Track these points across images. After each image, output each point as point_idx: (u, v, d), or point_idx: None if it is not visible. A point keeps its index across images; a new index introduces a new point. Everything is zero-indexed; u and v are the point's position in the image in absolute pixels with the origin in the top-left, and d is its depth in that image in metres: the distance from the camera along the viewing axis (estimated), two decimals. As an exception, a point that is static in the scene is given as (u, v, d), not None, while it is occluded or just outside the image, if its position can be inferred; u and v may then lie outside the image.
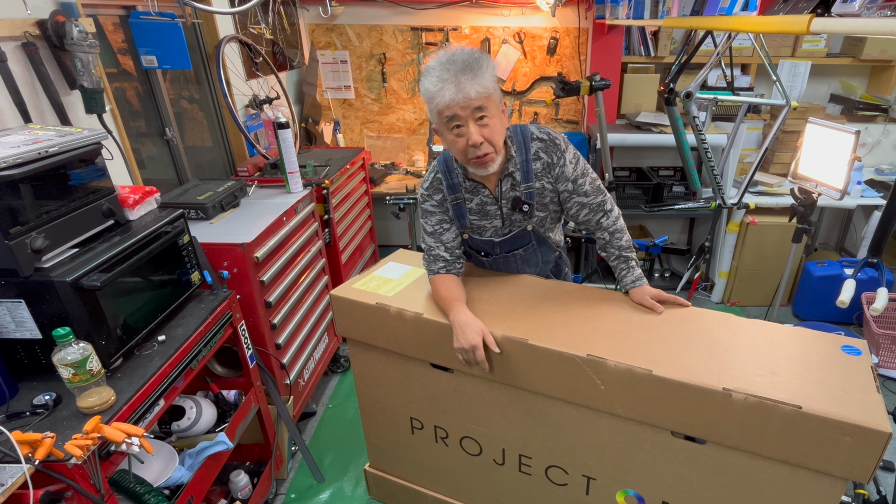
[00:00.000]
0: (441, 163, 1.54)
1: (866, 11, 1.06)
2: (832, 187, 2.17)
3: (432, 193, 1.55)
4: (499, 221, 1.56)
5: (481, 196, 1.53)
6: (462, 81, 1.27)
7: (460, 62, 1.29)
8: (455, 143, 1.37)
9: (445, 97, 1.29)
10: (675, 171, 3.59)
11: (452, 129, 1.35)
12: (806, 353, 1.28)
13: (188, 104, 2.65)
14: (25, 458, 1.05)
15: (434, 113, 1.35)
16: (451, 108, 1.30)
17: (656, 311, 1.45)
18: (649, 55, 3.51)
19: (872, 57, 3.35)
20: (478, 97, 1.29)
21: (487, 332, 1.37)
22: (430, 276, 1.58)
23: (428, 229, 1.57)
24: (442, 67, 1.30)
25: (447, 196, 1.53)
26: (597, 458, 1.42)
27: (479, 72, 1.29)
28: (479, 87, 1.28)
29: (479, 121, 1.33)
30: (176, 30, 2.06)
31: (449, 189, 1.53)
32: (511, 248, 1.62)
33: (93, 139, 1.43)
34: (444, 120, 1.34)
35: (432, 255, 1.57)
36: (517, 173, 1.47)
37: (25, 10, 1.56)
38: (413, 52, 3.59)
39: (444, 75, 1.29)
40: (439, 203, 1.54)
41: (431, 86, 1.31)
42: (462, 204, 1.54)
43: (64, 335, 1.18)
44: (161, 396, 1.40)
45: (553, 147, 1.49)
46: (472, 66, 1.29)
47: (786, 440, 1.12)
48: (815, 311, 3.24)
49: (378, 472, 1.96)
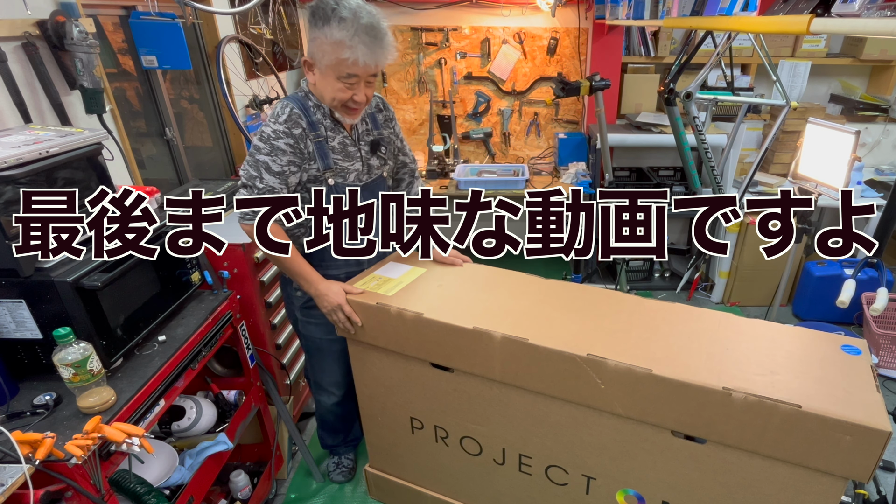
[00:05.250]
0: (295, 101, 1.52)
1: (866, 11, 1.06)
2: (832, 187, 2.17)
3: (291, 128, 1.48)
4: (360, 164, 1.61)
5: (342, 136, 1.57)
6: (377, 51, 1.41)
7: (380, 32, 1.41)
8: (341, 91, 1.46)
9: (359, 58, 1.39)
10: (675, 171, 3.59)
11: (344, 79, 1.44)
12: (806, 352, 1.28)
13: (188, 104, 2.65)
14: (26, 458, 1.05)
15: (331, 58, 1.41)
16: (357, 67, 1.41)
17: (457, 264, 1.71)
18: (649, 55, 3.51)
19: (872, 57, 3.35)
20: (381, 66, 1.46)
21: (341, 288, 1.55)
22: (261, 220, 1.40)
23: (275, 168, 1.48)
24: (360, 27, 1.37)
25: (308, 133, 1.51)
26: (597, 457, 1.42)
27: (391, 45, 1.44)
28: (387, 58, 1.45)
29: (367, 82, 1.48)
30: (176, 30, 2.06)
31: (310, 126, 1.51)
32: (370, 195, 1.54)
33: (93, 139, 1.43)
34: (341, 71, 1.42)
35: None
36: (367, 119, 1.64)
37: (25, 10, 1.56)
38: (413, 52, 3.59)
39: (363, 37, 1.38)
40: (296, 140, 1.50)
41: (346, 38, 1.37)
42: (324, 142, 1.54)
43: (64, 335, 1.19)
44: (161, 396, 1.40)
45: (386, 104, 1.72)
46: (387, 39, 1.43)
47: (786, 439, 1.12)
48: (815, 311, 3.24)
49: (378, 472, 1.96)
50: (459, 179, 3.34)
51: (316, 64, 1.47)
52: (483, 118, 3.80)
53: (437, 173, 3.52)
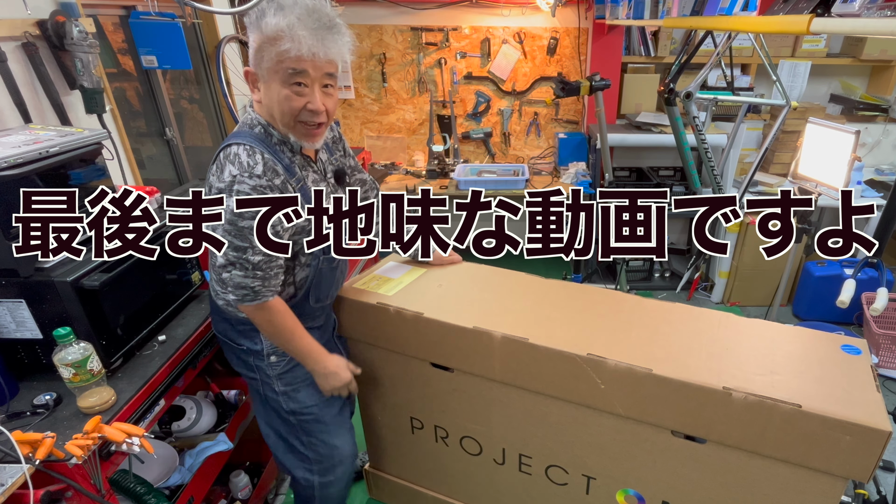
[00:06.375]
0: (259, 142, 1.22)
1: (866, 11, 1.06)
2: (832, 187, 2.17)
3: (272, 179, 1.21)
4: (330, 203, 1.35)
5: (313, 172, 1.33)
6: (326, 37, 1.15)
7: (326, 18, 1.15)
8: (289, 100, 1.19)
9: (302, 46, 1.12)
10: (675, 171, 3.59)
11: (293, 84, 1.18)
12: (806, 352, 1.28)
13: (188, 104, 2.66)
14: (26, 458, 1.05)
15: (272, 56, 1.15)
16: (303, 62, 1.15)
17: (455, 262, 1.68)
18: (649, 55, 3.51)
19: (872, 57, 3.35)
20: (336, 62, 1.20)
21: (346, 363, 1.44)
22: (267, 298, 1.26)
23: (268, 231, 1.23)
24: (302, 11, 1.13)
25: (288, 180, 1.25)
26: (597, 457, 1.42)
27: (343, 36, 1.19)
28: (340, 50, 1.19)
29: (325, 88, 1.22)
30: (176, 30, 2.06)
31: (287, 172, 1.25)
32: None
33: (93, 139, 1.43)
34: (285, 70, 1.16)
35: (272, 269, 1.25)
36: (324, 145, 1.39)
37: (25, 10, 1.56)
38: (413, 52, 3.59)
39: (306, 21, 1.12)
40: (281, 193, 1.23)
41: (285, 25, 1.11)
42: (306, 185, 1.29)
43: (64, 335, 1.19)
44: (161, 396, 1.40)
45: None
46: (338, 27, 1.18)
47: (786, 439, 1.12)
48: (815, 311, 3.24)
49: (378, 472, 1.96)
50: (459, 179, 3.34)
51: (258, 72, 1.21)
52: (483, 118, 3.81)
53: (437, 173, 3.52)
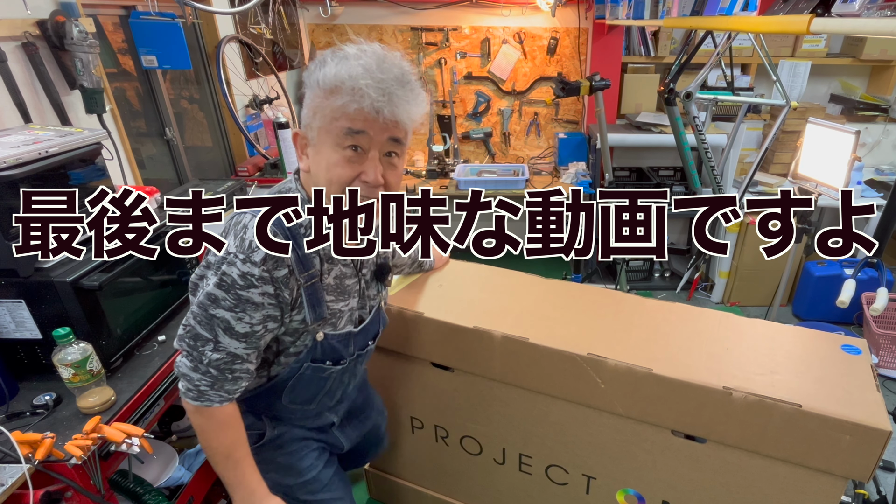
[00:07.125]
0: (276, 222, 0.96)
1: (866, 11, 1.06)
2: (832, 187, 2.17)
3: (272, 269, 0.96)
4: (355, 301, 1.14)
5: (341, 265, 1.08)
6: (395, 94, 0.93)
7: (398, 70, 0.94)
8: (340, 166, 0.96)
9: (364, 100, 0.91)
10: (675, 171, 3.59)
11: (347, 147, 0.95)
12: (806, 352, 1.28)
13: (188, 104, 2.66)
14: (25, 458, 1.05)
15: (326, 113, 0.95)
16: (363, 120, 0.93)
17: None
18: (649, 55, 3.51)
19: (872, 57, 3.35)
20: (404, 125, 0.97)
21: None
22: (212, 403, 1.01)
23: (241, 330, 0.98)
24: (370, 60, 0.93)
25: (296, 273, 0.99)
26: (597, 457, 1.42)
27: (418, 96, 0.97)
28: (412, 112, 0.96)
29: (388, 157, 0.99)
30: (176, 30, 2.06)
31: (299, 264, 0.99)
32: (365, 341, 1.21)
33: (93, 139, 1.43)
34: (339, 130, 0.94)
35: (234, 372, 1.01)
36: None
37: (25, 10, 1.56)
38: (413, 52, 3.59)
39: (373, 72, 0.92)
40: (278, 287, 0.98)
41: (347, 75, 0.91)
42: (318, 284, 1.04)
43: (64, 335, 1.18)
44: (161, 396, 1.39)
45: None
46: (411, 84, 0.96)
47: (786, 439, 1.12)
48: (815, 311, 3.24)
49: (378, 471, 1.96)
50: (459, 179, 3.34)
51: (308, 134, 0.99)
52: (483, 118, 3.81)
53: (437, 173, 3.52)
